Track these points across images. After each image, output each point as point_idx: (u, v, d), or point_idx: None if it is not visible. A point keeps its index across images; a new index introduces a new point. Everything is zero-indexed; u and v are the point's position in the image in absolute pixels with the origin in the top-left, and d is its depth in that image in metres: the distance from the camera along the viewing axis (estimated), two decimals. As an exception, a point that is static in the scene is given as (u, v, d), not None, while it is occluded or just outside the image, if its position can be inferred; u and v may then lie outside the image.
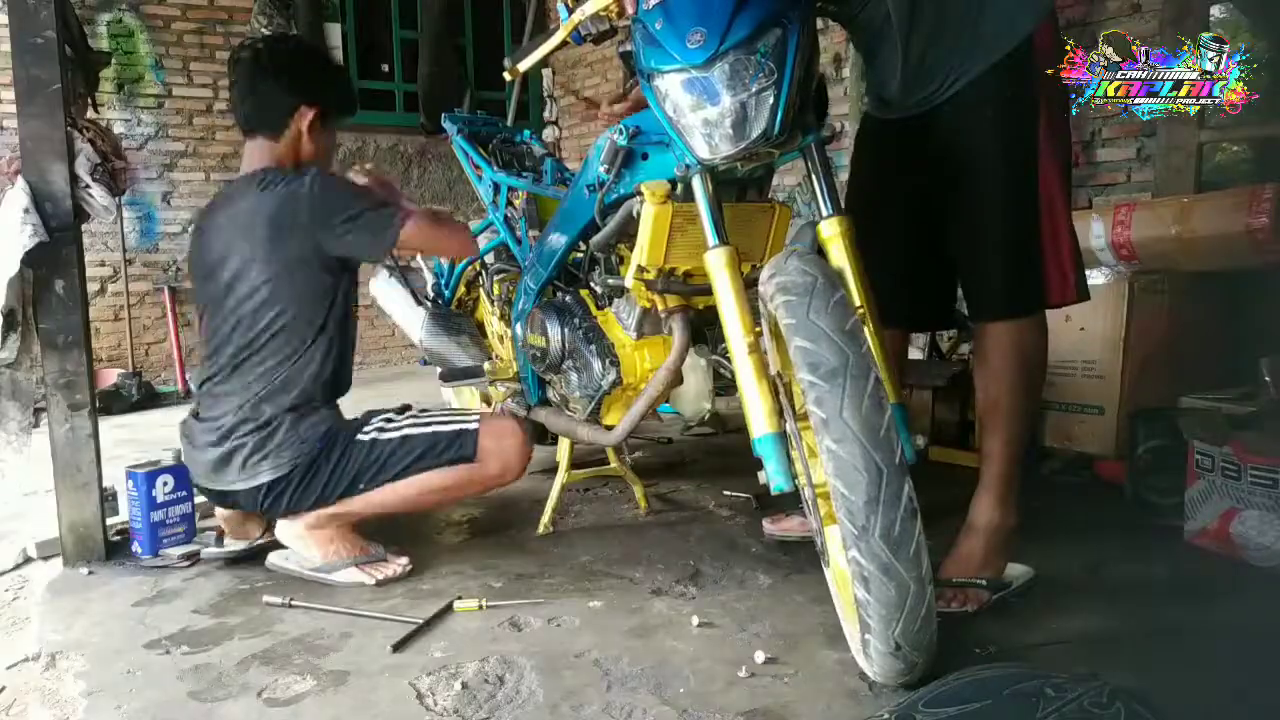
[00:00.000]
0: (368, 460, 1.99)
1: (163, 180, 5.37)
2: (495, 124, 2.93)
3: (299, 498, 2.00)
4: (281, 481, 1.98)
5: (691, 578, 2.00)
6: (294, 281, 1.98)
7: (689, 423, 2.23)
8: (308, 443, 1.98)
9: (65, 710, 1.51)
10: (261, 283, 1.97)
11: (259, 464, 1.98)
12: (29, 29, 2.04)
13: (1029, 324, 1.80)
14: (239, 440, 1.98)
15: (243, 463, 1.98)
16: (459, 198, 6.02)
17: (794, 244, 1.92)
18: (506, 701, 1.47)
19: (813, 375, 1.37)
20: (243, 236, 1.98)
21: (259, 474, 1.98)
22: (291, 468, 1.97)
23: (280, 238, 1.96)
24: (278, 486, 1.99)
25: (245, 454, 1.98)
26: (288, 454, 1.97)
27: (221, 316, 2.02)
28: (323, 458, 1.99)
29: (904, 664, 1.37)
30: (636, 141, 1.81)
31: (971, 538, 1.82)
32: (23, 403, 2.14)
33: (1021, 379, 1.80)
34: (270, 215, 1.96)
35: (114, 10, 5.18)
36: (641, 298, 1.94)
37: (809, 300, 1.42)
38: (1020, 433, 1.83)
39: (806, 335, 1.40)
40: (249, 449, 1.97)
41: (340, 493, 2.01)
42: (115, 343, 5.24)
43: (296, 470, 1.98)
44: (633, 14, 1.70)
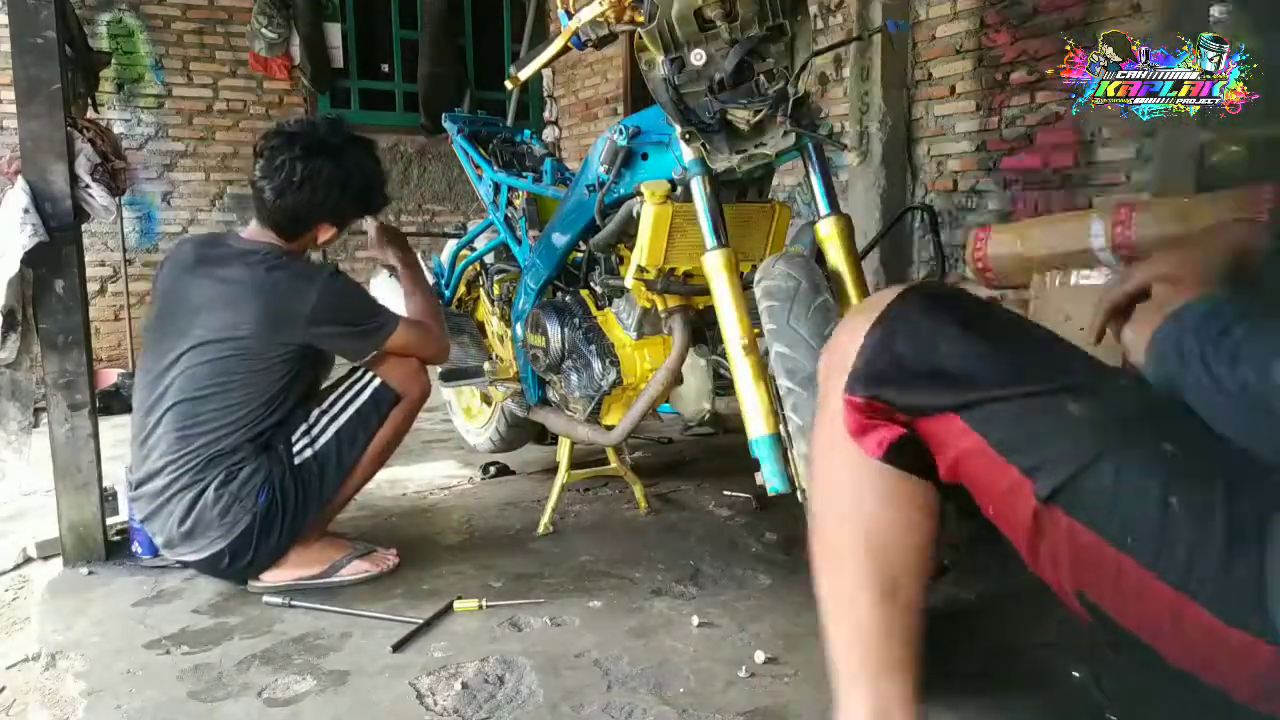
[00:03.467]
0: (321, 476, 1.97)
1: (163, 180, 5.37)
2: (495, 124, 2.93)
3: (275, 544, 1.93)
4: (240, 542, 1.90)
5: (691, 578, 2.00)
6: (262, 360, 1.92)
7: (689, 423, 2.23)
8: (248, 499, 1.89)
9: (65, 710, 1.51)
10: (228, 354, 1.90)
11: (206, 531, 1.90)
12: (29, 29, 2.04)
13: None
14: (173, 506, 1.90)
15: (189, 531, 1.90)
16: (459, 197, 6.02)
17: (793, 244, 1.92)
18: (506, 701, 1.47)
19: (790, 381, 1.37)
20: (228, 305, 1.90)
21: (210, 544, 1.90)
22: (244, 527, 1.89)
23: (268, 324, 1.90)
24: (240, 547, 1.90)
25: (180, 519, 1.90)
26: (231, 515, 1.89)
27: (169, 362, 1.92)
28: (275, 506, 1.91)
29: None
30: (636, 141, 1.81)
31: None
32: (23, 403, 2.14)
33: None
34: (267, 301, 1.90)
35: (114, 10, 5.18)
36: (641, 298, 1.94)
37: (790, 306, 1.42)
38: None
39: (785, 341, 1.40)
40: (184, 515, 1.89)
41: (312, 517, 1.98)
42: (115, 343, 5.24)
43: (252, 528, 1.90)
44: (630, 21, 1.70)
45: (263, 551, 1.93)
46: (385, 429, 2.05)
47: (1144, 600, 0.82)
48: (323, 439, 1.99)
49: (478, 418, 3.12)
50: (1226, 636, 0.77)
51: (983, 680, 1.49)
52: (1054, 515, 0.87)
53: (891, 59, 3.74)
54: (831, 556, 1.05)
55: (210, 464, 1.90)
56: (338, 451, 2.00)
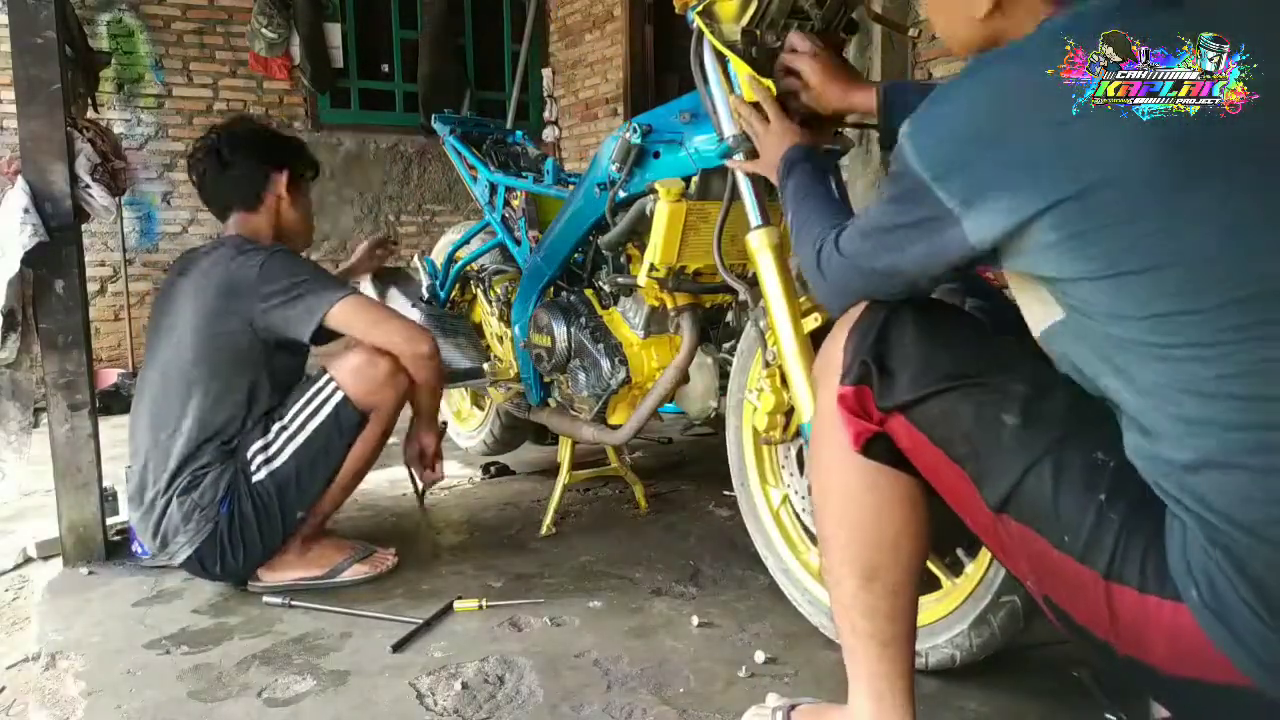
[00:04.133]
0: (281, 499, 1.90)
1: (163, 180, 5.37)
2: (486, 125, 2.93)
3: (249, 554, 1.91)
4: (205, 549, 1.88)
5: (691, 578, 2.00)
6: (220, 352, 1.91)
7: (694, 421, 2.23)
8: (210, 508, 1.87)
9: (65, 710, 1.51)
10: (195, 348, 1.92)
11: (175, 538, 1.90)
12: (29, 29, 2.04)
13: None
14: (149, 514, 1.92)
15: (163, 539, 1.91)
16: (459, 197, 6.01)
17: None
18: (506, 701, 1.47)
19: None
20: (196, 294, 1.94)
21: (180, 550, 1.90)
22: (207, 534, 1.87)
23: (223, 297, 1.91)
24: (208, 555, 1.89)
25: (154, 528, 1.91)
26: (193, 524, 1.87)
27: (151, 365, 1.99)
28: (235, 519, 1.88)
29: None
30: (649, 139, 1.80)
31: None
32: (23, 403, 2.14)
33: None
34: (222, 276, 1.92)
35: (114, 10, 5.17)
36: (650, 296, 1.94)
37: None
38: None
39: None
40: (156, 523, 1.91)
41: (283, 535, 1.94)
42: (115, 343, 5.24)
43: (217, 533, 1.87)
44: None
45: (236, 560, 1.90)
46: (358, 448, 1.94)
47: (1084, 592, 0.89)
48: (280, 459, 1.90)
49: (468, 421, 3.12)
50: (1144, 604, 0.85)
51: (983, 680, 1.49)
52: (1007, 523, 0.95)
53: (891, 59, 3.74)
54: (822, 539, 1.17)
55: (178, 469, 1.90)
56: (297, 478, 1.90)
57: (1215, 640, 0.81)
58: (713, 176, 1.75)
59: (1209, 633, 0.81)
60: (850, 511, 1.11)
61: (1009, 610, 1.38)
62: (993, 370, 0.99)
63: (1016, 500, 0.93)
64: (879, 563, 1.10)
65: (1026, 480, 0.91)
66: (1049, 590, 0.95)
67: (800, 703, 1.31)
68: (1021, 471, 0.92)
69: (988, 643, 1.41)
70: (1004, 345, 1.05)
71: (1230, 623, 0.80)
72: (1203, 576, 0.81)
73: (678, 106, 1.80)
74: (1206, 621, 0.81)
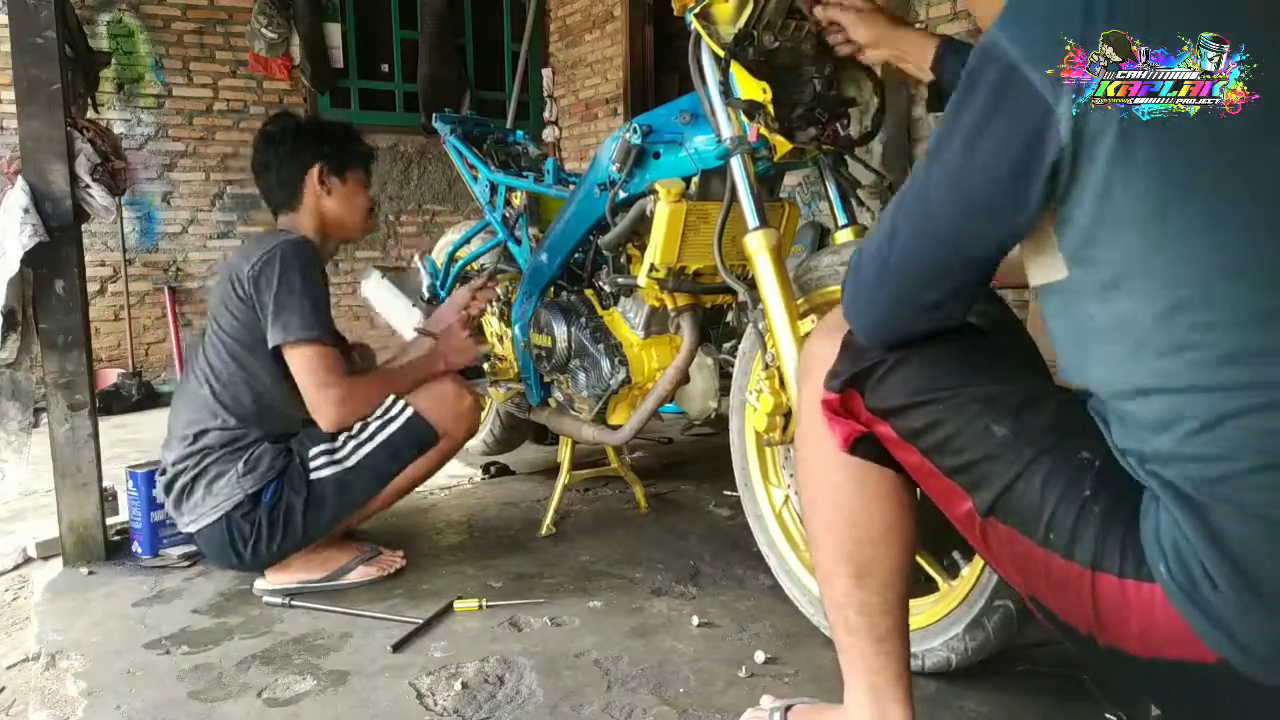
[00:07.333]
0: (338, 497, 1.96)
1: (163, 180, 5.37)
2: (487, 125, 2.93)
3: (276, 545, 1.93)
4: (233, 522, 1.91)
5: (691, 578, 2.00)
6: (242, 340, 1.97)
7: (694, 421, 2.24)
8: (249, 479, 1.91)
9: (65, 710, 1.51)
10: (231, 334, 1.98)
11: (198, 498, 1.93)
12: (29, 29, 2.04)
13: None
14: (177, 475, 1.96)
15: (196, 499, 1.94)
16: (459, 197, 6.01)
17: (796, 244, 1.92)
18: (506, 701, 1.47)
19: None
20: (221, 287, 2.02)
21: (204, 515, 1.93)
22: (234, 506, 1.90)
23: (237, 294, 1.96)
24: (240, 531, 1.91)
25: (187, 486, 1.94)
26: (223, 490, 1.91)
27: (201, 355, 2.03)
28: (279, 507, 1.92)
29: None
30: (649, 140, 1.80)
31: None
32: (23, 403, 2.14)
33: None
34: (237, 271, 1.97)
35: (114, 10, 5.17)
36: (651, 297, 1.94)
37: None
38: None
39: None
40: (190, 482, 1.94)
41: (322, 531, 1.97)
42: (115, 343, 5.24)
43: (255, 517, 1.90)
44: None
45: (270, 548, 1.93)
46: (417, 465, 2.03)
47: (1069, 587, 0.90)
48: (349, 462, 1.96)
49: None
50: (1124, 589, 0.85)
51: (982, 680, 1.49)
52: (994, 525, 0.95)
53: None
54: (812, 537, 1.17)
55: (224, 448, 1.93)
56: (361, 481, 1.97)
57: (1184, 615, 0.82)
58: (713, 177, 1.76)
59: (1179, 609, 0.82)
60: (840, 508, 1.11)
61: (1003, 614, 1.38)
62: (984, 380, 0.99)
63: (1004, 504, 0.93)
64: (871, 557, 1.11)
65: (1015, 486, 0.92)
66: (1034, 589, 0.95)
67: (796, 703, 1.31)
68: (1010, 480, 0.92)
69: (982, 646, 1.41)
70: (998, 353, 1.05)
71: (1196, 596, 0.81)
72: (1171, 550, 0.82)
73: (678, 107, 1.80)
74: (1176, 598, 0.82)
